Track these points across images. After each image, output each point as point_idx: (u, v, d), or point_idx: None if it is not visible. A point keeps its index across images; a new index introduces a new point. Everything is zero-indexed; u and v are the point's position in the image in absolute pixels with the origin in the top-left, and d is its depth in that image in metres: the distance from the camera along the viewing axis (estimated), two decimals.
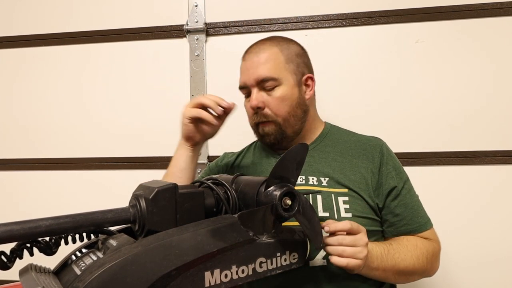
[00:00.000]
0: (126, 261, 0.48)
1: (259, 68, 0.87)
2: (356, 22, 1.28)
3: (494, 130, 1.22)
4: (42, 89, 1.44)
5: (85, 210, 0.54)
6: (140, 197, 0.56)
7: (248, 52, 0.93)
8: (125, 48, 1.39)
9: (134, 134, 1.39)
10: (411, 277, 0.83)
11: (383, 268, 0.76)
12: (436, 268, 0.88)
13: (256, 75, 0.87)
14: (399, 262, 0.79)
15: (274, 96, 0.87)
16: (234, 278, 0.57)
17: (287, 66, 0.89)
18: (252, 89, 0.89)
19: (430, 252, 0.84)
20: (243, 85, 0.91)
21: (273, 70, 0.87)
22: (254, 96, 0.88)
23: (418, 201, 0.90)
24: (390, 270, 0.78)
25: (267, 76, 0.87)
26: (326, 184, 0.86)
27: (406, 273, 0.81)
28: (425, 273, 0.85)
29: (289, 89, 0.88)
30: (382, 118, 1.26)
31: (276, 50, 0.89)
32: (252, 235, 0.59)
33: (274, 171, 0.61)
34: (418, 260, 0.81)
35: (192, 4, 1.34)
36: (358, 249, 0.68)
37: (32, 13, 1.44)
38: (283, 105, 0.87)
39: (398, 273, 0.79)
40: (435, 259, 0.86)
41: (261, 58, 0.88)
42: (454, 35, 1.24)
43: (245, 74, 0.90)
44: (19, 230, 0.47)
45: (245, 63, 0.91)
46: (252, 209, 0.58)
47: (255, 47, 0.92)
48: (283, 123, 0.88)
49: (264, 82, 0.87)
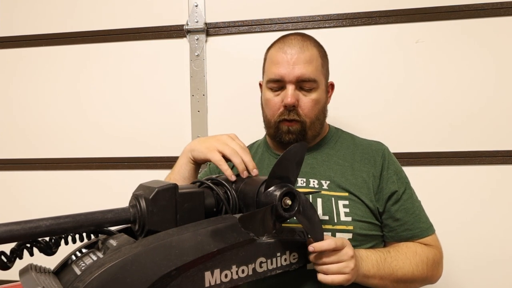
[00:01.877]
0: (126, 261, 0.48)
1: (304, 66, 0.84)
2: (356, 22, 1.28)
3: (494, 130, 1.22)
4: (42, 89, 1.44)
5: (85, 210, 0.54)
6: (140, 197, 0.56)
7: (287, 44, 0.87)
8: (125, 48, 1.39)
9: (134, 134, 1.38)
10: (411, 284, 0.82)
11: (380, 276, 0.76)
12: (439, 276, 0.86)
13: (299, 72, 0.83)
14: (397, 270, 0.78)
15: (310, 98, 0.86)
16: (234, 278, 0.57)
17: (322, 70, 0.89)
18: (288, 85, 0.85)
19: (431, 259, 0.83)
20: (278, 78, 0.85)
21: (315, 72, 0.86)
22: (290, 92, 0.84)
23: (420, 206, 0.89)
24: (387, 278, 0.77)
25: (311, 77, 0.84)
26: (327, 188, 0.85)
27: (405, 280, 0.80)
28: (426, 281, 0.84)
29: (322, 93, 0.89)
30: (382, 118, 1.26)
31: (316, 51, 0.88)
32: (252, 235, 0.59)
33: (274, 171, 0.61)
34: (417, 268, 0.80)
35: (192, 4, 1.34)
36: (343, 264, 0.67)
37: (32, 13, 1.44)
38: (315, 108, 0.87)
39: (396, 281, 0.78)
40: (436, 266, 0.85)
41: (306, 56, 0.85)
42: (454, 35, 1.24)
43: (285, 68, 0.84)
44: (19, 230, 0.47)
45: (284, 55, 0.85)
46: (252, 212, 0.58)
47: (296, 41, 0.87)
48: (309, 125, 0.87)
49: (304, 82, 0.85)
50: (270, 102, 0.88)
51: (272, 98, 0.88)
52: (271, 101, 0.88)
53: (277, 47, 0.88)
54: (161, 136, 1.37)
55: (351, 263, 0.68)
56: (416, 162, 1.23)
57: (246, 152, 0.73)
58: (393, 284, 0.78)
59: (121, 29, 1.39)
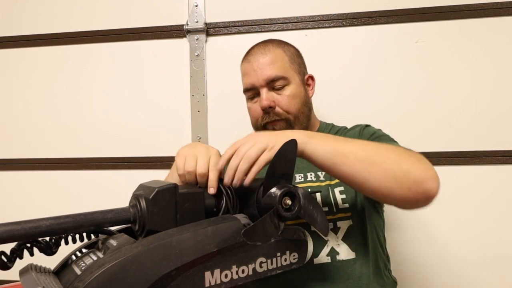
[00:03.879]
0: (126, 261, 0.48)
1: (268, 68, 0.88)
2: (356, 22, 1.28)
3: (494, 130, 1.22)
4: (42, 89, 1.44)
5: (85, 210, 0.54)
6: (140, 197, 0.56)
7: (251, 54, 0.93)
8: (125, 48, 1.39)
9: (134, 134, 1.38)
10: (385, 171, 0.63)
11: (334, 146, 0.64)
12: (429, 177, 0.65)
13: (266, 75, 0.88)
14: (359, 145, 0.65)
15: (284, 94, 0.89)
16: (234, 278, 0.57)
17: (292, 66, 0.92)
18: (261, 90, 0.89)
19: (408, 151, 0.70)
20: (250, 87, 0.91)
21: (282, 70, 0.89)
22: (264, 96, 0.88)
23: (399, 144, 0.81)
24: (346, 152, 0.63)
25: (277, 75, 0.88)
26: (323, 178, 0.87)
27: (373, 161, 0.63)
28: (406, 164, 0.64)
29: (297, 87, 0.91)
30: (382, 118, 1.26)
31: (280, 51, 0.92)
32: (259, 244, 0.59)
33: (270, 170, 0.61)
34: (388, 150, 0.66)
35: (192, 4, 1.34)
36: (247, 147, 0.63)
37: (32, 13, 1.44)
38: (293, 103, 0.89)
39: (361, 159, 0.63)
40: (418, 160, 0.68)
41: (267, 58, 0.89)
42: (454, 35, 1.24)
43: (252, 75, 0.90)
44: (19, 230, 0.47)
45: (249, 64, 0.91)
46: (254, 224, 0.57)
47: (257, 49, 0.93)
48: (294, 120, 0.89)
49: (274, 82, 0.88)
50: (251, 110, 0.93)
51: (252, 106, 0.93)
52: (251, 109, 0.93)
53: (244, 60, 0.95)
54: (161, 136, 1.37)
55: (258, 138, 0.63)
56: None
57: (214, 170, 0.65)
58: (360, 163, 0.63)
59: (121, 29, 1.39)
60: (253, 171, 0.62)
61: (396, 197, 0.65)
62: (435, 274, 1.23)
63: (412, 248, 1.24)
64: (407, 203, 0.67)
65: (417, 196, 0.64)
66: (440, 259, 1.23)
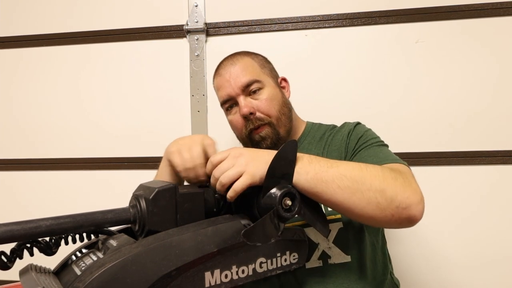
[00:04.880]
0: (126, 261, 0.48)
1: (241, 75, 0.89)
2: (356, 22, 1.28)
3: (494, 130, 1.22)
4: (42, 89, 1.44)
5: (85, 210, 0.54)
6: (140, 197, 0.56)
7: (221, 68, 0.93)
8: (125, 48, 1.39)
9: (134, 134, 1.38)
10: (368, 192, 0.62)
11: (314, 175, 0.62)
12: (411, 200, 0.63)
13: (240, 82, 0.88)
14: (343, 168, 0.63)
15: (262, 98, 0.88)
16: (234, 278, 0.57)
17: (263, 70, 0.93)
18: (238, 98, 0.89)
19: (393, 170, 0.67)
20: (227, 98, 0.90)
21: (255, 74, 0.90)
22: (243, 103, 0.88)
23: (387, 151, 0.81)
24: (328, 180, 0.62)
25: (250, 79, 0.88)
26: None
27: (355, 188, 0.62)
28: (390, 191, 0.62)
29: (273, 89, 0.91)
30: (382, 118, 1.26)
31: (248, 58, 0.93)
32: (259, 245, 0.59)
33: (270, 171, 0.61)
34: (371, 171, 0.64)
35: (192, 4, 1.34)
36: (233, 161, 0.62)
37: (32, 13, 1.44)
38: (272, 105, 0.89)
39: (344, 189, 0.62)
40: (403, 179, 0.65)
41: (238, 67, 0.90)
42: (454, 35, 1.24)
43: (227, 86, 0.90)
44: (19, 230, 0.47)
45: (222, 77, 0.91)
46: (254, 224, 0.57)
47: (226, 62, 0.93)
48: (277, 122, 0.89)
49: (249, 87, 0.88)
50: (233, 122, 0.92)
51: (233, 118, 0.92)
52: (233, 121, 0.92)
53: (215, 76, 0.94)
54: (161, 136, 1.37)
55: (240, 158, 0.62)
56: (416, 162, 1.23)
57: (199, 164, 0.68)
58: (342, 192, 0.62)
59: (121, 29, 1.39)
60: (231, 196, 0.61)
61: (378, 223, 0.66)
62: (436, 274, 1.23)
63: (412, 249, 1.24)
64: (390, 226, 0.68)
65: (400, 221, 0.64)
66: (441, 259, 1.23)
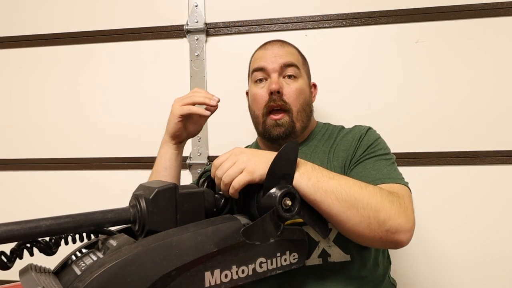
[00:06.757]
0: (126, 261, 0.48)
1: (286, 56, 0.90)
2: (356, 22, 1.28)
3: (494, 130, 1.22)
4: (43, 89, 1.44)
5: (85, 210, 0.54)
6: (140, 197, 0.56)
7: (268, 44, 0.95)
8: (125, 48, 1.39)
9: (134, 134, 1.38)
10: (363, 210, 0.63)
11: (315, 182, 0.63)
12: (404, 226, 0.65)
13: (281, 60, 0.90)
14: (341, 187, 0.64)
15: (293, 86, 0.90)
16: (234, 278, 0.57)
17: (303, 66, 0.95)
18: (272, 74, 0.90)
19: (389, 194, 0.68)
20: (262, 67, 0.91)
21: (297, 61, 0.92)
22: (274, 79, 0.89)
23: (392, 167, 0.80)
24: (328, 190, 0.63)
25: (293, 62, 0.90)
26: None
27: (352, 204, 0.63)
28: (384, 213, 0.64)
29: (305, 84, 0.93)
30: (382, 118, 1.26)
31: (295, 50, 0.96)
32: (258, 243, 0.59)
33: (270, 171, 0.61)
34: (369, 191, 0.65)
35: (192, 4, 1.34)
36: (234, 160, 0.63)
37: (33, 13, 1.44)
38: (299, 97, 0.90)
39: (341, 201, 0.63)
40: (398, 204, 0.66)
41: (285, 50, 0.92)
42: (454, 35, 1.24)
43: (268, 59, 0.91)
44: (19, 230, 0.47)
45: (266, 51, 0.93)
46: (253, 223, 0.57)
47: (275, 42, 0.95)
48: (296, 114, 0.89)
49: (287, 68, 0.90)
50: (257, 95, 0.91)
51: (258, 91, 0.91)
52: (257, 94, 0.91)
53: (260, 48, 0.97)
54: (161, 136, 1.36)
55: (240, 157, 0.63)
56: (416, 162, 1.23)
57: (201, 91, 0.84)
58: (339, 205, 0.63)
59: (121, 29, 1.39)
60: (230, 193, 0.63)
61: (365, 241, 0.68)
62: (435, 274, 1.23)
63: (412, 249, 1.24)
64: (375, 246, 0.74)
65: (387, 244, 0.67)
66: (440, 259, 1.23)
